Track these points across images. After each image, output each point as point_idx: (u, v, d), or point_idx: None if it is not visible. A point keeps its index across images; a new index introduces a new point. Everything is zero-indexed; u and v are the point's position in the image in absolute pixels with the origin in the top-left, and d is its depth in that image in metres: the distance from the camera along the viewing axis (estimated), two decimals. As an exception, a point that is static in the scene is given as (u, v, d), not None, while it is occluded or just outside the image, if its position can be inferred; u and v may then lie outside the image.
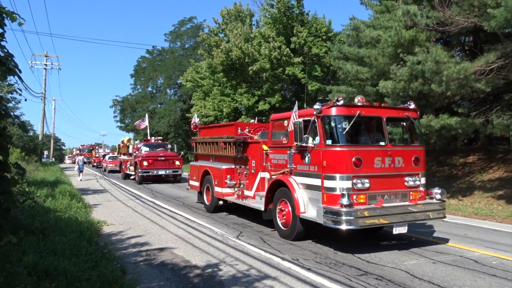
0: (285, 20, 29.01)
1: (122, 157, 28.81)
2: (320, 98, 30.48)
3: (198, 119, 14.32)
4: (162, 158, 22.94)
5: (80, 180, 25.85)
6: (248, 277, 5.92)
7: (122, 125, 61.63)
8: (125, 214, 12.15)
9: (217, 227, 9.91)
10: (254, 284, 5.62)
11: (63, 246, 6.45)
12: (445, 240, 8.52)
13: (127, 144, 27.81)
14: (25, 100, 28.71)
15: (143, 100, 56.50)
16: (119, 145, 32.82)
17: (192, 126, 14.35)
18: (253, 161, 10.28)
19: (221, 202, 11.68)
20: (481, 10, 12.52)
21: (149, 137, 29.04)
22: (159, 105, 55.04)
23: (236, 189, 11.00)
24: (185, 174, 24.62)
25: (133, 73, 60.11)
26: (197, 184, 13.05)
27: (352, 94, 18.02)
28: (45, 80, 42.82)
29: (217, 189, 11.53)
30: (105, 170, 36.54)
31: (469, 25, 13.56)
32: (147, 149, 24.13)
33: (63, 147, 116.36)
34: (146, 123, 31.13)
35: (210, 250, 7.63)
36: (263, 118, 29.99)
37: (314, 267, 6.46)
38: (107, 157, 38.42)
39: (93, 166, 48.91)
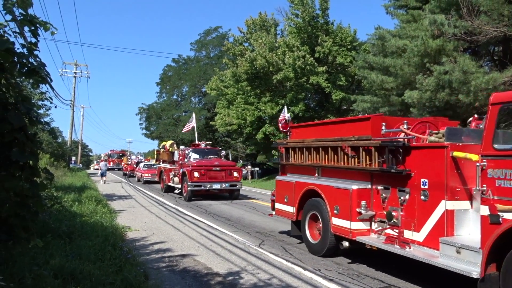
0: (310, 30, 29.04)
1: (162, 165, 23.63)
2: (345, 107, 30.33)
3: (288, 115, 10.41)
4: (217, 169, 18.06)
5: (103, 183, 28.53)
6: (269, 286, 5.91)
7: (148, 132, 62.65)
8: (149, 220, 12.31)
9: (239, 235, 9.92)
10: (275, 294, 5.59)
11: (89, 250, 6.58)
12: None
13: (170, 150, 22.69)
14: (55, 107, 29.38)
15: (168, 108, 57.38)
16: (157, 150, 27.69)
17: (280, 125, 10.34)
18: (422, 180, 6.06)
19: (346, 244, 7.29)
20: (511, 19, 12.27)
21: (196, 141, 23.86)
22: (183, 113, 55.74)
23: (377, 225, 6.86)
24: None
25: (159, 81, 61.20)
26: (290, 209, 8.81)
27: (376, 104, 17.89)
28: (74, 88, 44.04)
29: (337, 221, 7.31)
30: (139, 180, 31.87)
31: (499, 35, 13.31)
32: (197, 156, 19.44)
33: (90, 153, 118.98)
34: (193, 123, 25.50)
35: (232, 258, 7.65)
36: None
37: (336, 277, 6.39)
38: (141, 165, 33.64)
39: (124, 174, 42.89)
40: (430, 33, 14.64)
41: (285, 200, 9.05)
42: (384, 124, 6.93)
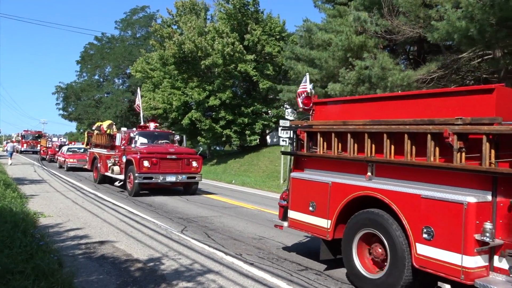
0: (240, 17, 29.06)
1: (96, 150, 19.30)
2: (271, 96, 30.89)
3: (311, 86, 6.94)
4: (173, 157, 14.68)
5: (10, 164, 28.01)
6: (191, 271, 5.90)
7: (65, 113, 59.12)
8: (64, 206, 11.67)
9: (161, 221, 9.77)
10: (196, 278, 5.61)
11: (-5, 237, 6.10)
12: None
13: (108, 132, 18.62)
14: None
15: (88, 89, 54.61)
16: (89, 132, 22.58)
17: (299, 100, 7.81)
18: None
19: None
20: (426, 21, 13.21)
21: (142, 122, 19.82)
22: (105, 95, 53.42)
23: (507, 263, 4.26)
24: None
25: (79, 60, 57.82)
26: (321, 223, 5.99)
27: (302, 94, 18.42)
28: (-19, 60, 40.16)
29: (429, 251, 4.58)
30: (61, 167, 27.66)
31: (414, 35, 14.28)
32: (145, 140, 15.78)
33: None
34: (138, 101, 21.42)
35: (153, 244, 7.52)
36: (213, 114, 29.96)
37: (256, 262, 6.55)
38: (65, 149, 29.07)
39: (43, 159, 37.59)
40: (354, 29, 15.31)
41: (311, 208, 6.20)
42: None
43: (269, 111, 31.18)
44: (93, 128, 21.33)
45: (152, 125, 17.73)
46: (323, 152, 6.21)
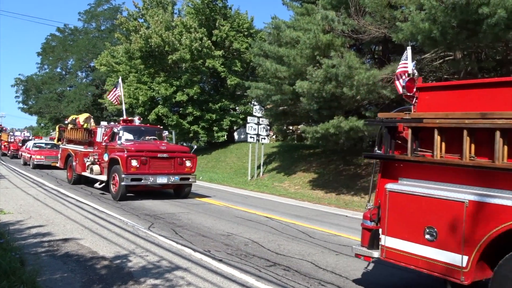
0: (208, 12, 28.85)
1: (70, 147, 17.19)
2: (239, 93, 30.85)
3: (413, 65, 5.88)
4: (165, 155, 13.02)
5: None
6: (159, 268, 5.85)
7: (25, 106, 56.98)
8: (25, 202, 11.29)
9: (128, 217, 9.61)
10: (164, 275, 5.56)
11: (-49, 235, 5.84)
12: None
13: (85, 126, 16.65)
14: None
15: (50, 81, 52.83)
16: (61, 126, 20.01)
17: (399, 84, 6.34)
18: None
19: None
20: (391, 22, 13.52)
21: (124, 115, 18.52)
22: (68, 88, 51.88)
23: None
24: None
25: (40, 51, 55.80)
26: (449, 258, 4.17)
27: (269, 91, 18.51)
28: None
29: None
30: (26, 164, 25.66)
31: (380, 35, 14.59)
32: (131, 136, 14.01)
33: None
34: (120, 91, 19.48)
35: (120, 241, 7.39)
36: (180, 110, 29.62)
37: (225, 258, 6.56)
38: (30, 144, 26.77)
39: (4, 154, 35.96)
40: (321, 28, 15.47)
41: (428, 236, 4.35)
42: None
43: (237, 108, 31.14)
44: (67, 122, 19.14)
45: (137, 120, 16.00)
46: (439, 157, 4.38)
